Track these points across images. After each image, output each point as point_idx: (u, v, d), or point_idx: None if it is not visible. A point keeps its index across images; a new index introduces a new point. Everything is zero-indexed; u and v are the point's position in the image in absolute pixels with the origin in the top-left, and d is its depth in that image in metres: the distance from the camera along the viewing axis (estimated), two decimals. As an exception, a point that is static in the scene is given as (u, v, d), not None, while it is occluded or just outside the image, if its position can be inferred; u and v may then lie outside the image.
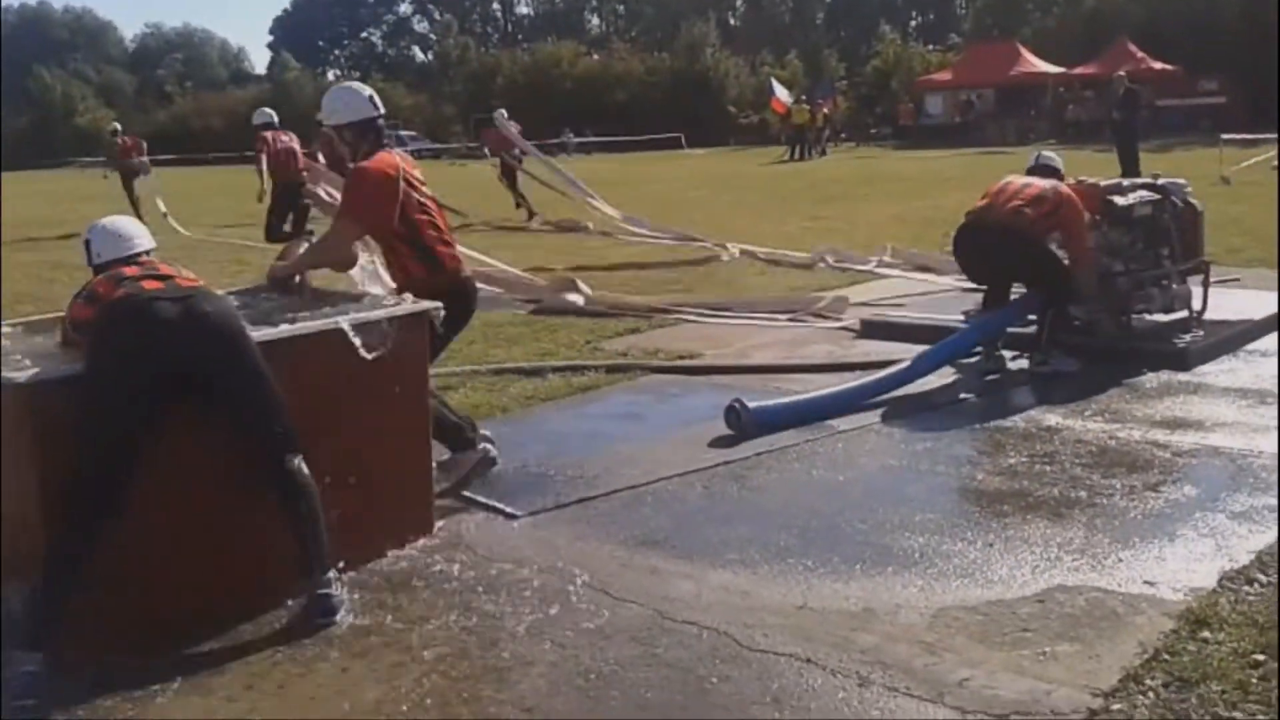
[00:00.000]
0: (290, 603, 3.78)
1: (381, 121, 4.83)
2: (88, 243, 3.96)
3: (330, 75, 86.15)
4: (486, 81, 64.70)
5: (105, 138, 23.35)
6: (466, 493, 4.86)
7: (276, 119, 14.02)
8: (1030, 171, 7.12)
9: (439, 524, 4.49)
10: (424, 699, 3.21)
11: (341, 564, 3.83)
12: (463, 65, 71.74)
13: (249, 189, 14.57)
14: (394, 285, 4.89)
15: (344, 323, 4.05)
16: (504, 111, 18.58)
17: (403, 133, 60.20)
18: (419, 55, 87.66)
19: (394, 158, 4.69)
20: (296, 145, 13.70)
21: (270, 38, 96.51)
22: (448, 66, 73.43)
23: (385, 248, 4.87)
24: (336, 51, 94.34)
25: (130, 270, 3.78)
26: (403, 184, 4.63)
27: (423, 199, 4.75)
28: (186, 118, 68.76)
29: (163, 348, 3.55)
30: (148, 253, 3.95)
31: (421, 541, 4.34)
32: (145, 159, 20.98)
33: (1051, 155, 7.44)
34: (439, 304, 4.40)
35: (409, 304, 4.34)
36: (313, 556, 3.73)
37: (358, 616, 3.73)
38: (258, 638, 3.63)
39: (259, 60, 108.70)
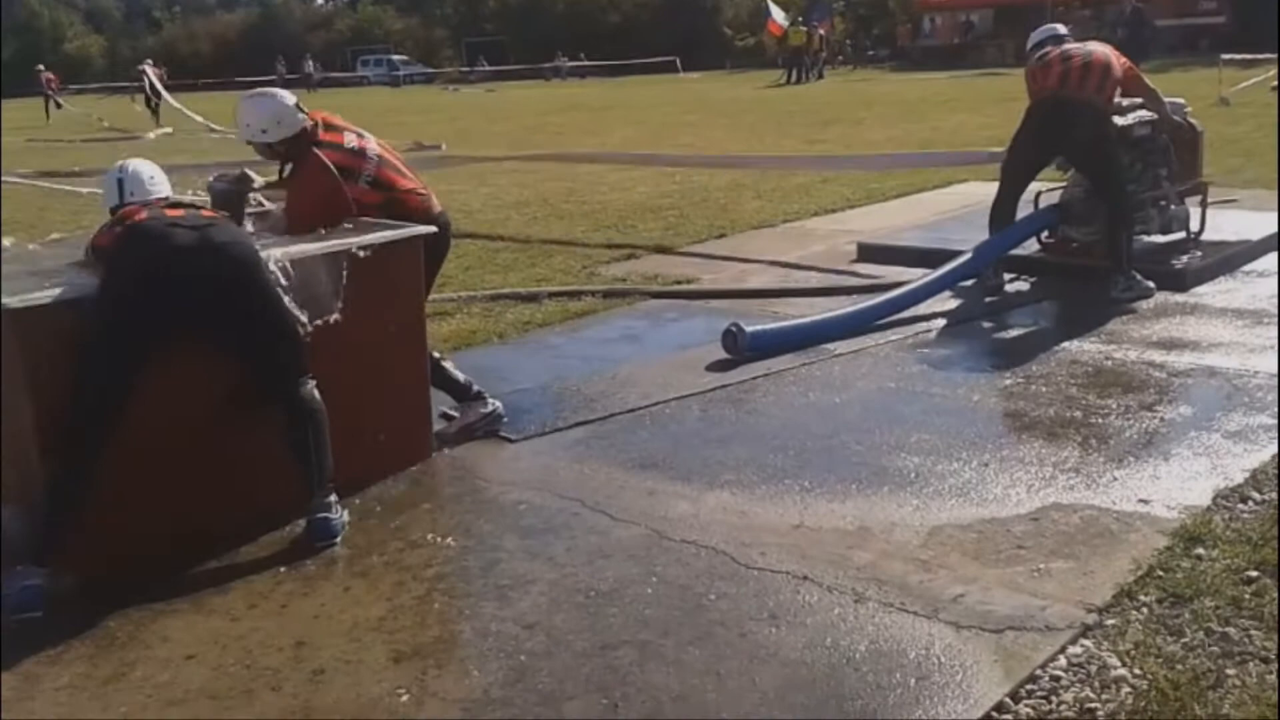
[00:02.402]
0: (292, 525, 3.81)
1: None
2: (120, 182, 3.92)
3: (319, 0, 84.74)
4: (478, 4, 63.76)
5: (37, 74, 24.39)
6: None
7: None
8: (1043, 44, 6.95)
9: (438, 447, 4.51)
10: (426, 616, 3.25)
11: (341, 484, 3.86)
12: (453, -13, 70.61)
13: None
14: None
15: (351, 246, 4.04)
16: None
17: (394, 57, 59.59)
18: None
19: (322, 158, 4.34)
20: None
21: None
22: (438, -12, 72.28)
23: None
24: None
25: (156, 200, 3.84)
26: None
27: (369, 173, 4.45)
28: (175, 43, 67.79)
29: (178, 271, 3.58)
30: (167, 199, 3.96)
31: (420, 465, 4.37)
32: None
33: (1056, 25, 7.32)
34: (433, 227, 4.37)
35: (402, 229, 4.30)
36: (315, 479, 3.76)
37: (359, 539, 3.77)
38: (259, 558, 3.66)
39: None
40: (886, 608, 3.19)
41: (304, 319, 3.89)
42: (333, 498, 3.78)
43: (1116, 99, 6.66)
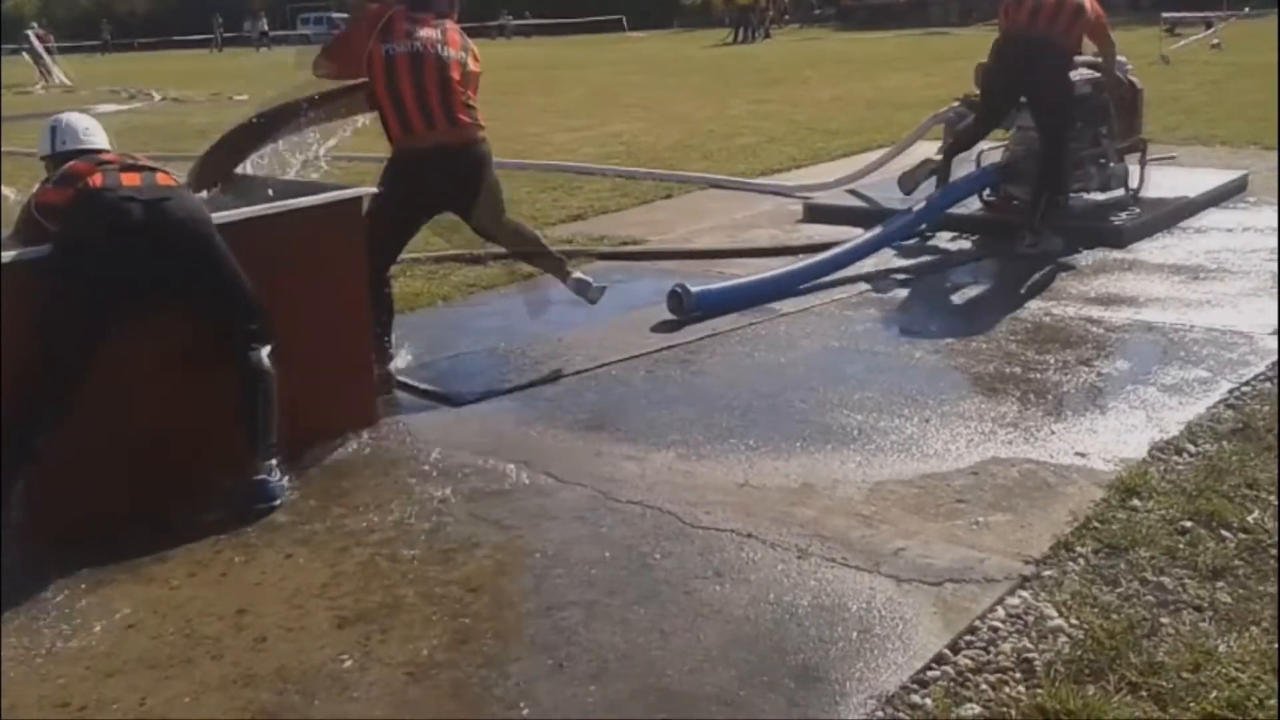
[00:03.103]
0: (233, 492, 3.76)
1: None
2: (52, 129, 3.90)
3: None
4: (421, -38, 62.62)
5: None
6: (409, 380, 4.84)
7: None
8: None
9: (382, 413, 4.47)
10: (369, 581, 3.23)
11: (284, 452, 3.82)
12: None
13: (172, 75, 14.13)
14: None
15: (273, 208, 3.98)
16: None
17: (336, 15, 58.46)
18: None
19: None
20: None
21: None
22: (381, -55, 70.87)
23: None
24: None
25: (108, 156, 3.79)
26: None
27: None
28: (111, 1, 66.12)
29: (134, 248, 3.59)
30: (102, 151, 3.90)
31: (364, 430, 4.33)
32: None
33: None
34: (370, 189, 4.32)
35: (334, 191, 4.24)
36: (258, 443, 3.73)
37: (300, 505, 3.73)
38: (200, 525, 3.61)
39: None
40: (829, 563, 3.22)
41: None
42: (273, 462, 3.75)
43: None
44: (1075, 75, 7.02)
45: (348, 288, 4.25)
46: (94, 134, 3.93)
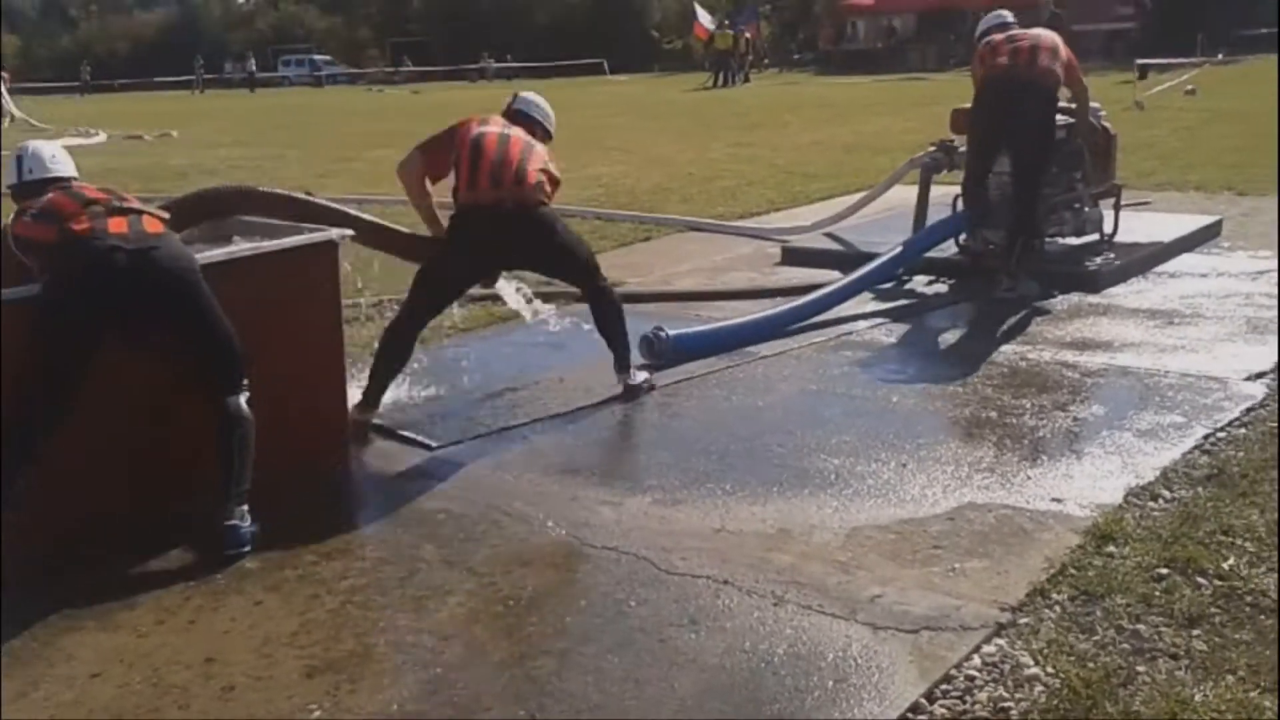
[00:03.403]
0: (203, 537, 3.71)
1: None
2: (18, 158, 3.92)
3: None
4: (403, 4, 63.16)
5: None
6: (383, 423, 4.81)
7: None
8: (989, 32, 7.03)
9: (354, 454, 4.43)
10: (339, 630, 3.19)
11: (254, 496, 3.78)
12: (377, -14, 69.85)
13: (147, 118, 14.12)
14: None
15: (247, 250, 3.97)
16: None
17: (316, 57, 58.79)
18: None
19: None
20: None
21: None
22: (362, -12, 71.44)
23: None
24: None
25: (96, 194, 3.77)
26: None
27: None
28: (91, 42, 66.30)
29: (117, 297, 3.60)
30: (72, 180, 3.92)
31: (337, 474, 4.29)
32: None
33: (1003, 12, 7.40)
34: (347, 231, 4.32)
35: (311, 234, 4.23)
36: (230, 488, 3.69)
37: (271, 550, 3.69)
38: (169, 571, 3.57)
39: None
40: (805, 610, 3.19)
41: None
42: (245, 507, 3.70)
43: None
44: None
45: (321, 330, 4.23)
46: (60, 161, 3.93)
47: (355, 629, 3.20)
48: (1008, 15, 7.25)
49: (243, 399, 3.79)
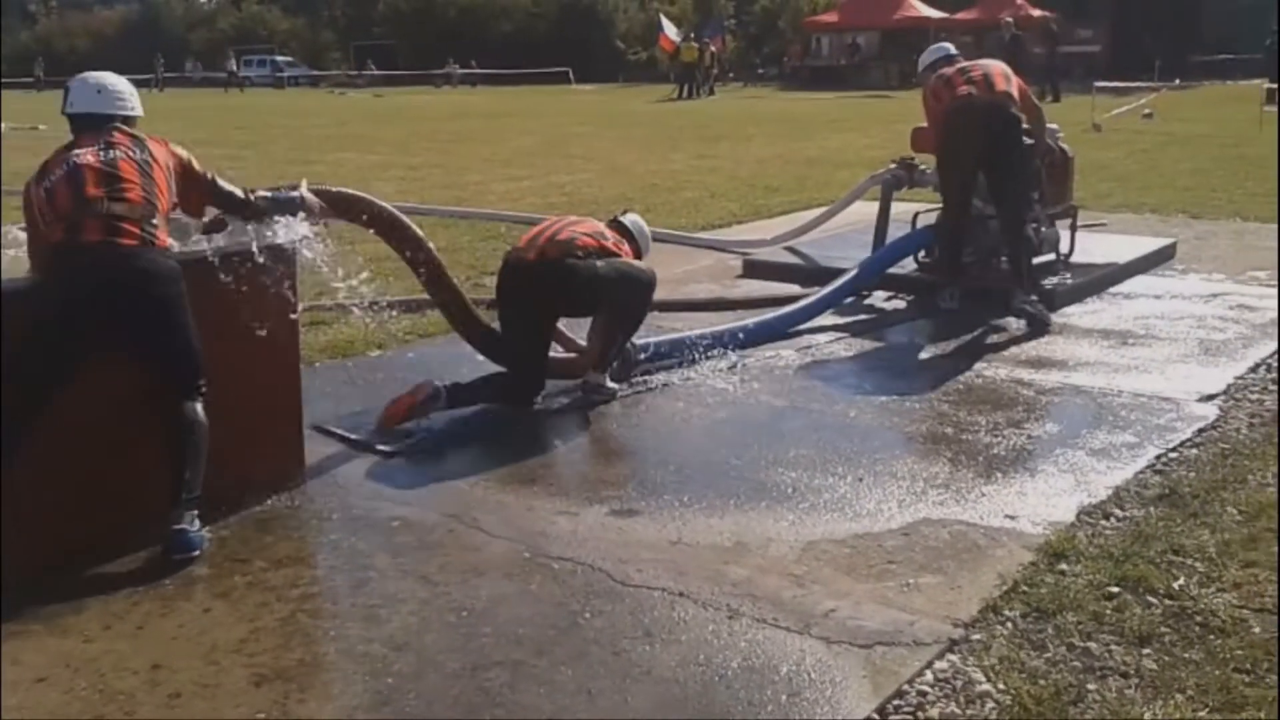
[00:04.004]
0: (152, 545, 3.65)
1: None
2: (65, 89, 3.97)
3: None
4: (367, 7, 62.85)
5: None
6: (337, 429, 4.76)
7: None
8: (936, 65, 7.06)
9: (309, 462, 4.38)
10: (289, 638, 3.14)
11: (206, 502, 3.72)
12: (343, -11, 69.50)
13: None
14: None
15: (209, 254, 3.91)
16: None
17: (279, 58, 58.36)
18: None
19: None
20: None
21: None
22: (327, -11, 71.05)
23: None
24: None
25: (95, 188, 3.69)
26: None
27: None
28: (51, 38, 65.48)
29: (94, 305, 3.59)
30: (127, 120, 3.93)
31: (291, 481, 4.23)
32: None
33: (945, 44, 7.46)
34: (305, 235, 4.26)
35: (270, 236, 4.17)
36: (180, 492, 3.63)
37: (221, 557, 3.64)
38: (117, 576, 3.50)
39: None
40: (759, 623, 3.19)
41: None
42: (194, 513, 3.64)
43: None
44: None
45: (277, 335, 4.17)
46: (82, 97, 3.91)
47: (305, 637, 3.16)
48: (950, 47, 7.33)
49: (199, 405, 3.74)
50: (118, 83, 4.04)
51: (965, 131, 6.67)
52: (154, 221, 3.72)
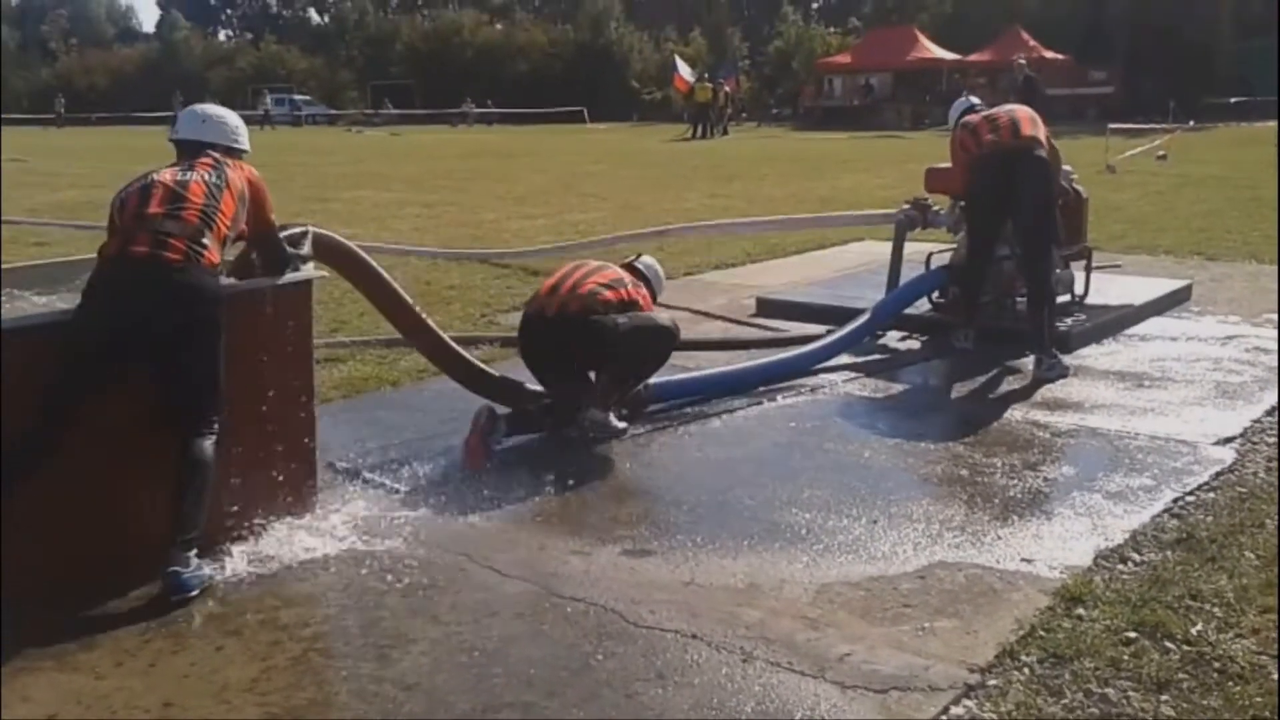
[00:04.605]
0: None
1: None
2: (178, 119, 4.19)
3: (222, 35, 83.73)
4: (385, 47, 63.65)
5: None
6: (349, 465, 4.76)
7: None
8: (963, 114, 7.07)
9: (322, 498, 4.38)
10: (300, 677, 3.13)
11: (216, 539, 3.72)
12: (360, 30, 70.36)
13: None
14: None
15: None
16: None
17: (297, 97, 58.96)
18: (314, 17, 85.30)
19: None
20: None
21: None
22: (345, 30, 71.91)
23: None
24: (229, 11, 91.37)
25: (158, 205, 3.77)
26: None
27: None
28: (71, 75, 66.32)
29: (131, 315, 3.63)
30: (229, 150, 4.09)
31: (304, 516, 4.23)
32: None
33: (971, 97, 7.47)
34: (322, 273, 4.29)
35: (290, 274, 4.20)
36: (177, 530, 3.61)
37: (233, 594, 3.63)
38: (129, 613, 3.50)
39: (148, 18, 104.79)
40: (774, 667, 3.17)
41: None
42: (192, 552, 3.61)
43: None
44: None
45: (292, 372, 4.19)
46: (186, 125, 4.09)
47: (317, 677, 3.15)
48: (975, 99, 7.40)
49: (208, 443, 3.73)
50: (225, 115, 4.21)
51: (993, 177, 6.67)
52: (204, 240, 3.75)
